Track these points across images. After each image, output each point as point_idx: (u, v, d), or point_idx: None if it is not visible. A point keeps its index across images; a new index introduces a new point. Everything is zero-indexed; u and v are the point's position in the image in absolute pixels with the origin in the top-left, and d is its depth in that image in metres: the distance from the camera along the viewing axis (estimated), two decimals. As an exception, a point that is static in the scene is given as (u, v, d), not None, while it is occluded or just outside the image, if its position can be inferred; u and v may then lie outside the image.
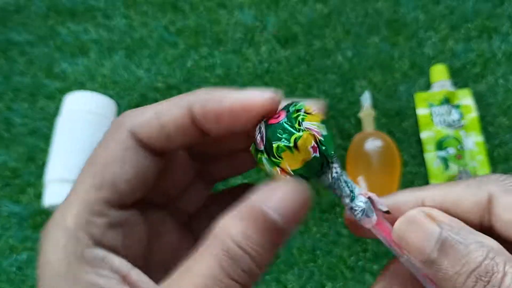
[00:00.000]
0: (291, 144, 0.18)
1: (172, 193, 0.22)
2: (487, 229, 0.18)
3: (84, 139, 0.52)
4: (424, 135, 0.54)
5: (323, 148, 0.18)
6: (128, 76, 0.60)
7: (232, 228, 0.16)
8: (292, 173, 0.18)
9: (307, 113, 0.18)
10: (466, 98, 0.55)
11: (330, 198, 0.52)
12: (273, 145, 0.18)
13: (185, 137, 0.19)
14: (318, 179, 0.19)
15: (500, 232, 0.18)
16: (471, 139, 0.54)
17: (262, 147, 0.18)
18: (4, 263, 0.51)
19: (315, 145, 0.18)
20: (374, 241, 0.50)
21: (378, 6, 0.61)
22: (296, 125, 0.18)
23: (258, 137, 0.18)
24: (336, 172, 0.19)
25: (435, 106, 0.55)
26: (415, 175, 0.53)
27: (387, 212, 0.19)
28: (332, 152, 0.19)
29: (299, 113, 0.18)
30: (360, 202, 0.19)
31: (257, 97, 0.18)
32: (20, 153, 0.56)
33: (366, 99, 0.55)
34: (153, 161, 0.19)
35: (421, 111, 0.55)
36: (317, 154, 0.18)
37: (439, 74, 0.56)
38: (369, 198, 0.19)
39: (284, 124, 0.18)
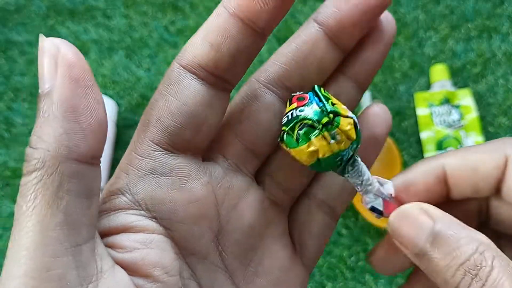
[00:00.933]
0: (353, 115, 0.18)
1: None
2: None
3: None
4: (424, 135, 0.54)
5: (358, 130, 0.19)
6: (128, 76, 0.60)
7: None
8: (353, 135, 0.18)
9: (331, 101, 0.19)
10: (466, 98, 0.55)
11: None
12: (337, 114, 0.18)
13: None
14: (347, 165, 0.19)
15: (506, 197, 0.18)
16: (471, 139, 0.54)
17: (313, 116, 0.18)
18: (5, 263, 0.51)
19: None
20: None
21: (378, 6, 0.61)
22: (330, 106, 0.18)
23: (308, 109, 0.18)
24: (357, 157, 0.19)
25: (435, 106, 0.55)
26: (415, 175, 0.53)
27: (391, 196, 0.20)
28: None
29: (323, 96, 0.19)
30: (373, 187, 0.20)
31: None
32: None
33: (366, 99, 0.55)
34: None
35: (421, 111, 0.55)
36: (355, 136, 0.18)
37: (439, 74, 0.56)
38: (378, 182, 0.20)
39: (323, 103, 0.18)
